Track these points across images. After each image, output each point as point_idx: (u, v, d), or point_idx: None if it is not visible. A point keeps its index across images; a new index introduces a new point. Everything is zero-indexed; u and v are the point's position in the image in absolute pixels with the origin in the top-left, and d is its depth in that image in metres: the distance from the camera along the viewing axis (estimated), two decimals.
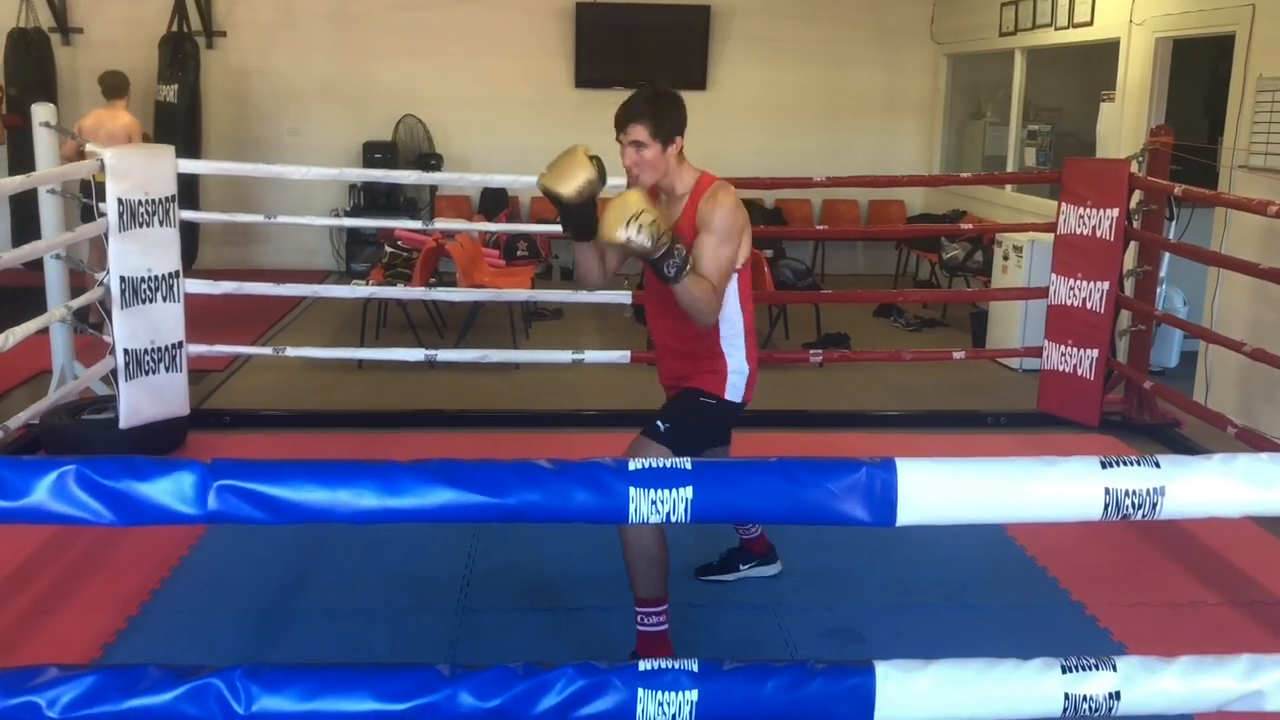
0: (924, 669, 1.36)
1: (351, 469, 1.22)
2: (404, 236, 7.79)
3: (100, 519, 1.18)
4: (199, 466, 1.20)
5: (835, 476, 1.27)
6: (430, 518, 1.23)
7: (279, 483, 1.20)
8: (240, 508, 1.19)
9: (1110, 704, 1.36)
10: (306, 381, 6.55)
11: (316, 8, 10.13)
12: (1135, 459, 1.31)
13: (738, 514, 1.27)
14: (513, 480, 1.23)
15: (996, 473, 1.30)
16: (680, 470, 1.25)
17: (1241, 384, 5.88)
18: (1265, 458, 1.31)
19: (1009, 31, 8.91)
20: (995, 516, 1.32)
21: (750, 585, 3.97)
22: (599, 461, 1.26)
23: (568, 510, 1.25)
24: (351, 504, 1.21)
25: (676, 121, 3.17)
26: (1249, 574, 4.15)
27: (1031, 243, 6.98)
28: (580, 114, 10.53)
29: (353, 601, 3.83)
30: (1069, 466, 1.30)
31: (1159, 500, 1.27)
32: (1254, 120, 5.79)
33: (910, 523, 1.29)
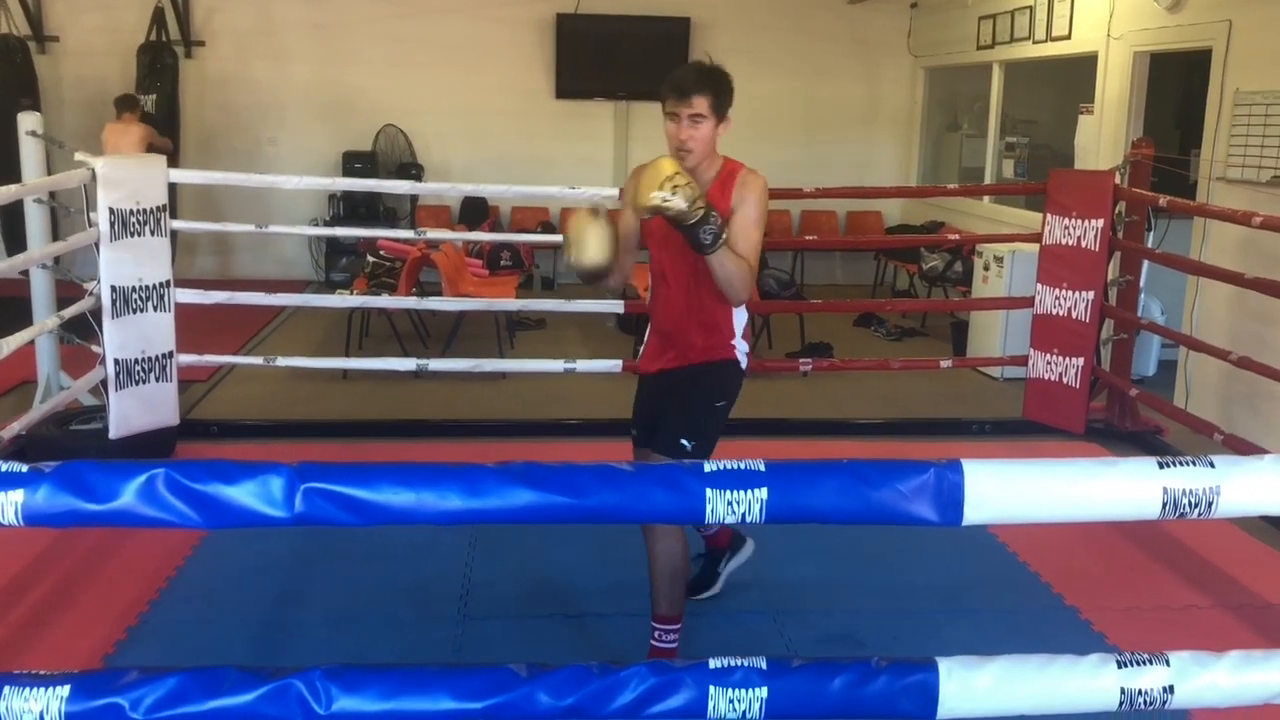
0: (985, 665, 1.39)
1: (436, 471, 1.24)
2: (387, 246, 7.78)
3: (188, 521, 1.19)
4: (286, 469, 1.21)
5: (905, 477, 1.30)
6: (513, 519, 1.25)
7: (365, 485, 1.21)
8: (327, 510, 1.20)
9: (1165, 697, 1.40)
10: (292, 391, 6.52)
11: (296, 17, 10.11)
12: (1190, 459, 1.35)
13: (811, 514, 1.30)
14: (592, 482, 1.25)
15: (1058, 473, 1.34)
16: (755, 471, 1.28)
17: (1221, 392, 5.99)
18: None
19: (987, 45, 9.04)
20: (1057, 515, 1.36)
21: (746, 593, 3.99)
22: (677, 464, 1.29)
23: (646, 511, 1.27)
24: (436, 505, 1.23)
25: (730, 100, 3.07)
26: (1237, 579, 4.22)
27: (1013, 253, 7.06)
28: (559, 124, 10.60)
29: (352, 611, 3.82)
30: (1128, 467, 1.34)
31: (1215, 499, 1.32)
32: (1231, 133, 5.91)
33: (976, 522, 1.32)
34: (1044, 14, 8.05)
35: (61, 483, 1.18)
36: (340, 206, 10.06)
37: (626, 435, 3.39)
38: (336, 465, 1.24)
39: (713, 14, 10.50)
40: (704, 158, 3.08)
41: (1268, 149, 5.64)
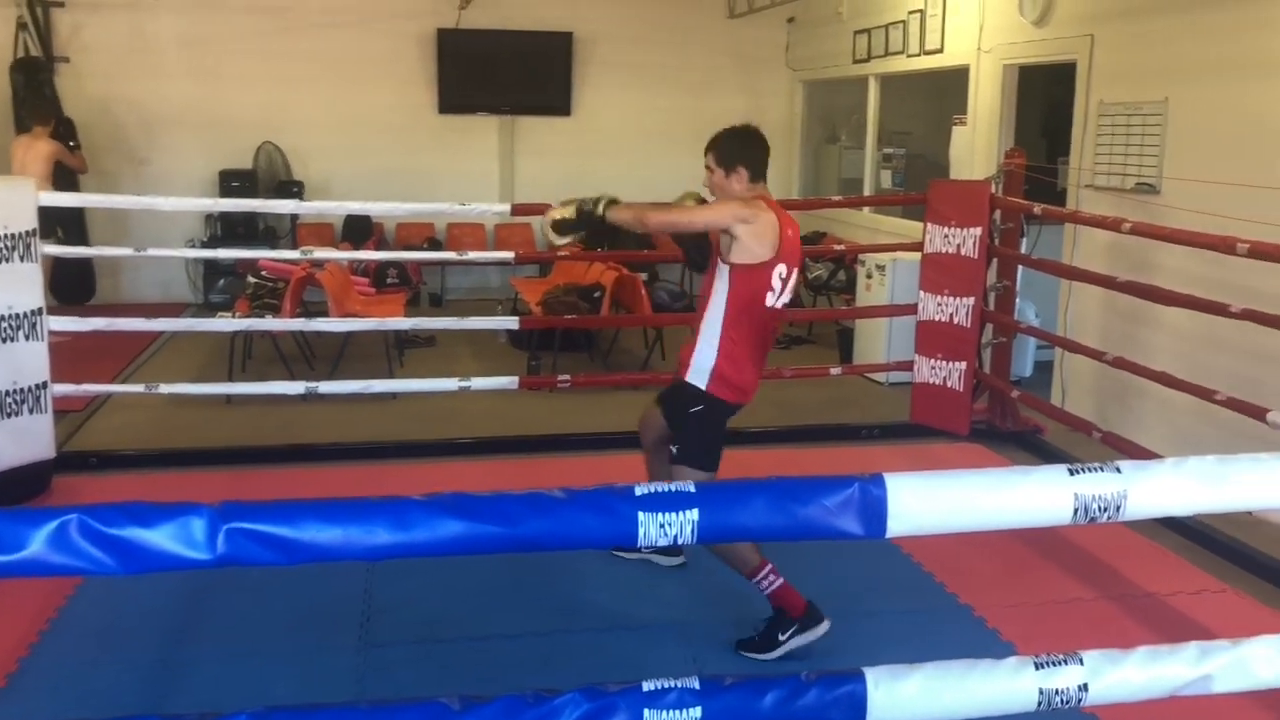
0: (911, 673, 1.43)
1: (362, 506, 1.21)
2: (269, 266, 7.60)
3: (103, 569, 1.14)
4: (207, 510, 1.17)
5: (830, 493, 1.32)
6: (443, 551, 1.23)
7: (290, 523, 1.18)
8: (251, 550, 1.16)
9: (1080, 695, 1.45)
10: (173, 419, 6.30)
11: (168, 32, 9.80)
12: (1099, 466, 1.41)
13: (741, 533, 1.31)
14: (523, 510, 1.24)
15: (975, 484, 1.38)
16: (686, 493, 1.28)
17: (1096, 390, 6.24)
18: (1211, 460, 1.42)
19: (863, 58, 9.26)
20: (976, 525, 1.40)
21: (653, 606, 4.01)
22: (607, 488, 1.29)
23: (579, 537, 1.27)
24: (364, 541, 1.20)
25: (737, 153, 3.70)
26: (1118, 571, 4.40)
27: (894, 261, 7.25)
28: (443, 139, 10.50)
29: (248, 644, 3.72)
30: (1041, 475, 1.39)
31: (1123, 503, 1.37)
32: (1097, 143, 6.18)
33: (899, 534, 1.35)
34: (917, 28, 8.30)
35: None
36: (218, 226, 9.79)
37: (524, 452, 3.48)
38: (260, 504, 1.20)
39: (595, 28, 10.54)
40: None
41: (1130, 157, 5.90)
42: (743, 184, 3.69)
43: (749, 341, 3.70)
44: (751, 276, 3.61)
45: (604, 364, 7.88)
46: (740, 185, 3.69)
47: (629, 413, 6.55)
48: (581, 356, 7.91)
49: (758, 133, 3.77)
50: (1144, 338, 5.79)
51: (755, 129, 3.78)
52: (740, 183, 3.69)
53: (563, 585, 4.10)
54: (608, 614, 3.94)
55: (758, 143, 3.74)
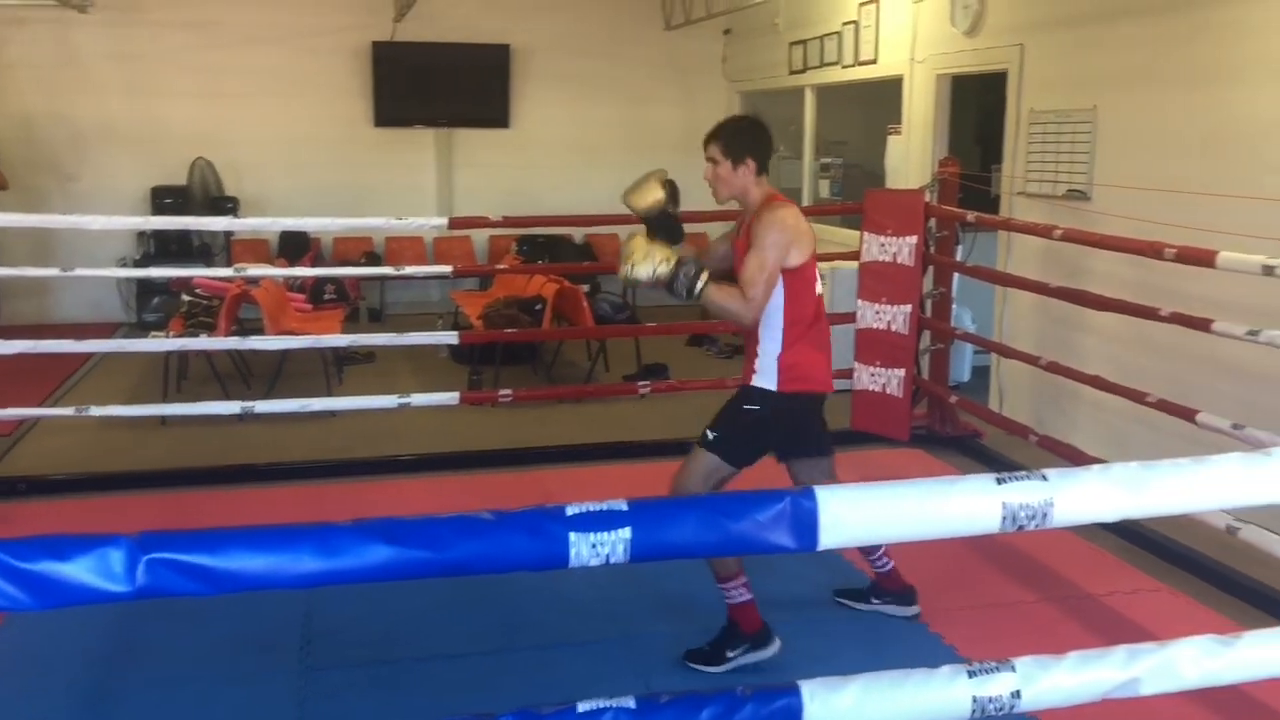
0: (846, 685, 1.43)
1: (287, 533, 1.19)
2: (203, 284, 7.49)
3: (16, 604, 1.10)
4: (126, 540, 1.14)
5: (762, 507, 1.32)
6: (372, 577, 1.21)
7: (213, 552, 1.15)
8: (173, 581, 1.13)
9: (1013, 702, 1.46)
10: (105, 442, 6.17)
11: (97, 47, 9.63)
12: (1025, 474, 1.42)
13: (675, 550, 1.31)
14: (452, 534, 1.23)
15: (904, 494, 1.39)
16: (618, 512, 1.28)
17: (1032, 394, 6.33)
18: (1135, 466, 1.44)
19: (799, 69, 9.35)
20: (906, 535, 1.41)
21: (599, 621, 3.99)
22: (538, 508, 1.28)
23: (510, 559, 1.25)
24: (291, 569, 1.18)
25: (746, 144, 3.53)
26: (1060, 573, 4.46)
27: (832, 270, 7.30)
28: (379, 152, 10.43)
29: (185, 670, 3.65)
30: (969, 485, 1.40)
31: (1049, 511, 1.39)
32: (1029, 150, 6.29)
33: (831, 546, 1.36)
34: (851, 40, 8.39)
35: None
36: (151, 244, 9.63)
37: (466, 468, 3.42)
38: (181, 533, 1.18)
39: (532, 40, 10.54)
40: (732, 194, 3.61)
41: (1061, 164, 6.01)
42: (750, 176, 3.54)
43: (818, 334, 3.64)
44: (797, 275, 3.52)
45: (547, 377, 7.85)
46: (748, 177, 3.54)
47: (571, 426, 6.58)
48: (524, 370, 7.88)
49: (764, 124, 3.65)
50: (1077, 342, 5.89)
51: (760, 120, 3.67)
52: (748, 174, 3.53)
53: (508, 602, 4.08)
54: (553, 630, 3.92)
55: (766, 134, 3.61)
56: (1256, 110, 4.78)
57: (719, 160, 3.54)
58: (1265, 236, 4.33)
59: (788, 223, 3.46)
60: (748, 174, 3.53)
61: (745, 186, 3.56)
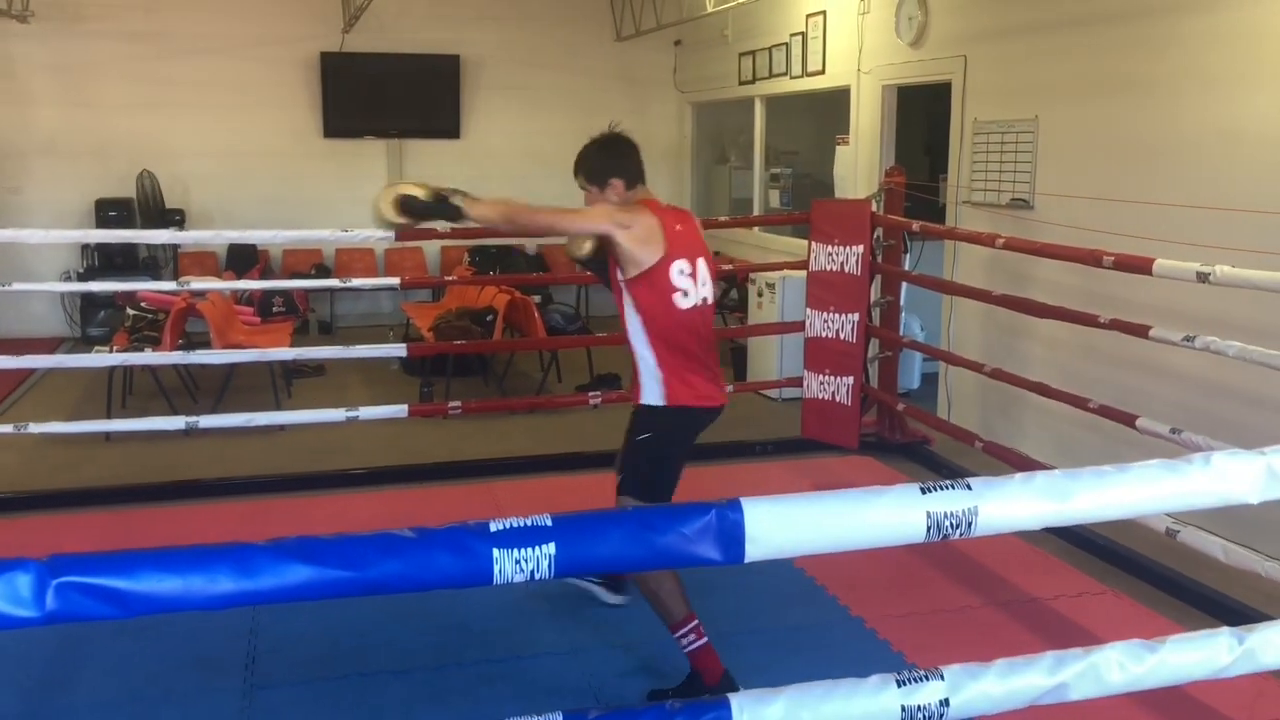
0: (776, 697, 1.43)
1: (202, 553, 1.17)
2: (148, 298, 7.39)
3: None
4: (33, 564, 1.12)
5: (687, 520, 1.32)
6: (291, 597, 1.20)
7: (125, 574, 1.13)
8: (84, 605, 1.11)
9: (941, 710, 1.47)
10: (47, 458, 6.07)
11: (36, 57, 9.50)
12: (950, 483, 1.44)
13: (600, 564, 1.30)
14: (372, 552, 1.21)
15: (830, 505, 1.39)
16: (542, 528, 1.27)
17: (979, 401, 6.40)
18: (1059, 474, 1.46)
19: (748, 80, 9.40)
20: (833, 545, 1.41)
21: (548, 633, 3.98)
22: (461, 526, 1.27)
23: (431, 577, 1.24)
24: (206, 590, 1.16)
25: (605, 168, 3.53)
26: (1005, 578, 4.51)
27: (783, 279, 7.35)
28: (330, 163, 10.36)
29: (126, 691, 3.59)
30: (893, 495, 1.41)
31: (974, 519, 1.40)
32: (973, 160, 6.36)
33: (757, 558, 1.36)
34: (799, 51, 8.45)
35: None
36: (95, 257, 9.48)
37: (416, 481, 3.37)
38: (92, 555, 1.15)
39: (481, 51, 10.52)
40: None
41: (1005, 174, 6.09)
42: (619, 195, 3.52)
43: (680, 348, 3.51)
44: (650, 284, 3.42)
45: (499, 388, 7.82)
46: (617, 197, 3.51)
47: (521, 438, 6.55)
48: (476, 381, 7.85)
49: (622, 137, 3.59)
50: (1022, 349, 5.96)
51: (619, 134, 3.60)
52: (617, 194, 3.51)
53: (454, 614, 4.05)
54: (501, 643, 3.90)
55: (625, 148, 3.57)
56: (1193, 120, 4.87)
57: (587, 189, 3.57)
58: (1201, 244, 4.41)
59: (637, 219, 3.39)
60: (616, 193, 3.52)
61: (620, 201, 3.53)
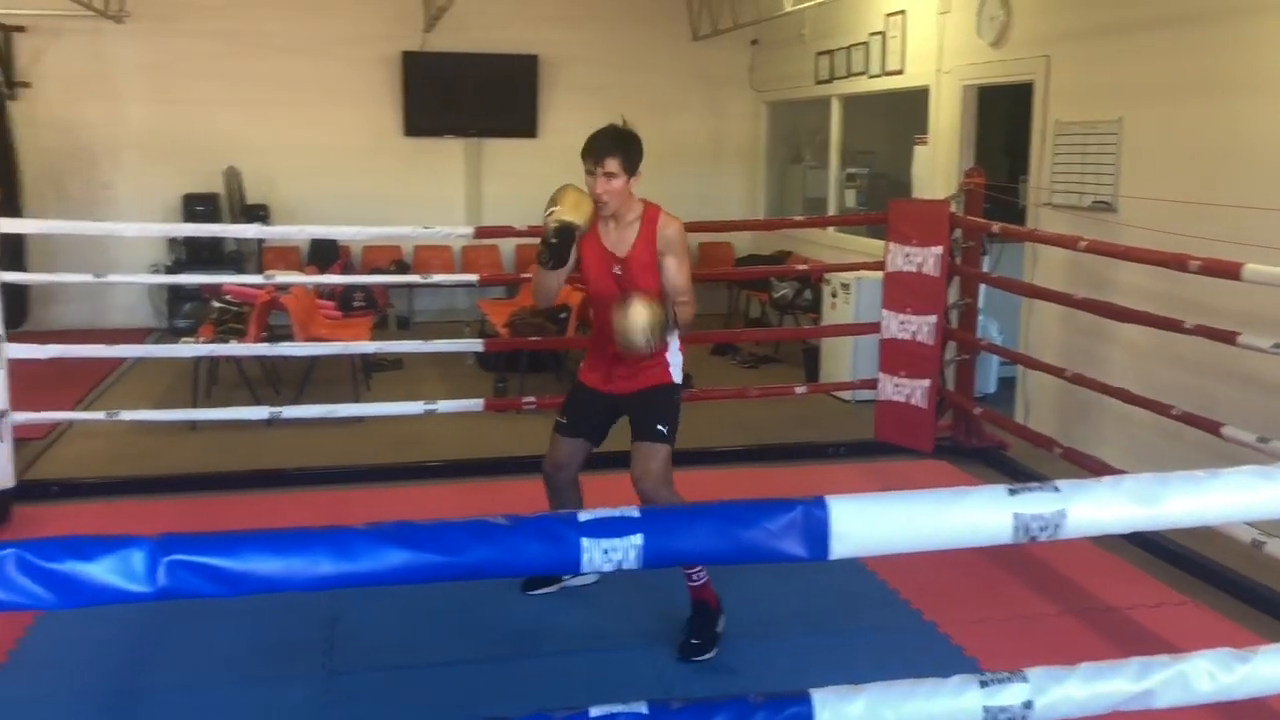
0: (857, 694, 1.44)
1: (304, 536, 1.22)
2: (234, 291, 7.56)
3: (41, 603, 1.14)
4: (147, 542, 1.17)
5: (773, 516, 1.33)
6: (387, 581, 1.24)
7: (231, 554, 1.18)
8: (192, 582, 1.16)
9: (1024, 713, 1.46)
10: (136, 445, 6.26)
11: (130, 57, 9.78)
12: (1037, 485, 1.43)
13: (685, 557, 1.32)
14: (467, 538, 1.25)
15: (916, 505, 1.39)
16: (630, 518, 1.29)
17: (1058, 406, 6.30)
18: (1148, 478, 1.44)
19: (825, 80, 9.35)
20: (917, 545, 1.41)
21: (621, 624, 4.01)
22: (551, 514, 1.29)
23: (522, 564, 1.27)
24: (307, 572, 1.20)
25: (640, 157, 3.64)
26: (1080, 585, 4.44)
27: (858, 280, 7.31)
28: (410, 161, 10.52)
29: (208, 674, 3.68)
30: (980, 496, 1.41)
31: (1061, 521, 1.39)
32: (1055, 161, 6.26)
33: (842, 555, 1.37)
34: (878, 50, 8.39)
35: None
36: (183, 250, 9.74)
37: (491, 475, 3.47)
38: (200, 535, 1.20)
39: (559, 51, 10.60)
40: (619, 206, 3.65)
41: (1087, 175, 5.99)
42: (635, 187, 3.68)
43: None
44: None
45: (571, 384, 7.87)
46: (633, 189, 3.67)
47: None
48: (548, 377, 7.91)
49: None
50: (1103, 354, 5.86)
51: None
52: (635, 186, 3.67)
53: (527, 606, 4.09)
54: (572, 635, 3.93)
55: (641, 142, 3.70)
56: None
57: (617, 174, 3.58)
58: None
59: (683, 234, 3.69)
60: (636, 184, 3.66)
61: (628, 198, 3.67)
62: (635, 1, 10.65)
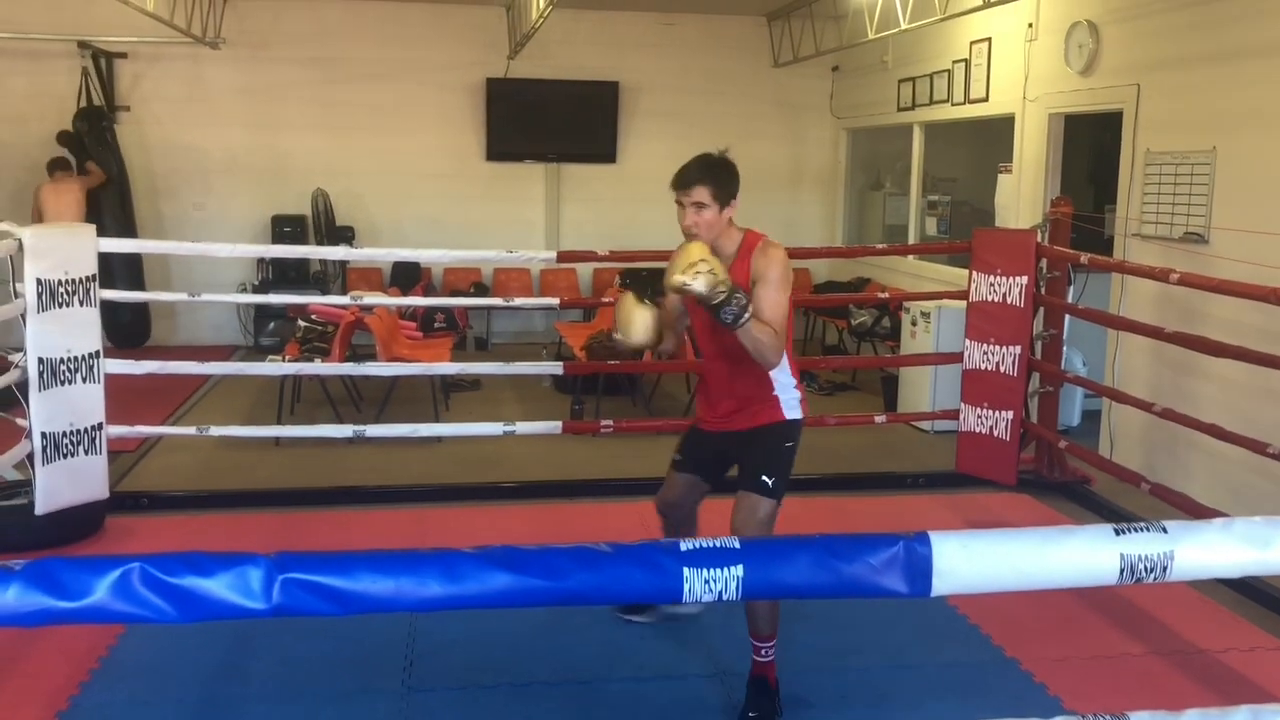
0: None
1: (414, 558, 1.24)
2: (319, 311, 7.72)
3: (163, 616, 1.17)
4: (264, 560, 1.21)
5: (875, 551, 1.33)
6: (492, 603, 1.26)
7: (344, 574, 1.20)
8: (305, 600, 1.19)
9: None
10: (223, 460, 6.40)
11: (224, 81, 10.07)
12: (1144, 525, 1.40)
13: (786, 590, 1.32)
14: (570, 564, 1.26)
15: (1020, 543, 1.38)
16: (731, 549, 1.30)
17: (1144, 441, 6.16)
18: (1260, 521, 1.41)
19: (907, 106, 9.30)
20: (1021, 585, 1.40)
21: (694, 654, 3.99)
22: (654, 543, 1.30)
23: (624, 591, 1.28)
24: (416, 593, 1.23)
25: (734, 186, 3.39)
26: (1169, 625, 4.32)
27: (939, 308, 7.23)
28: (491, 186, 10.66)
29: (291, 686, 3.75)
30: (1086, 535, 1.39)
31: (1169, 564, 1.37)
32: (1144, 191, 6.15)
33: (944, 593, 1.36)
34: (962, 77, 8.32)
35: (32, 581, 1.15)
36: (270, 270, 9.97)
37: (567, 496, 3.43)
38: (314, 554, 1.23)
39: (640, 78, 10.68)
40: (714, 238, 3.37)
41: (1178, 206, 5.87)
42: (732, 215, 3.41)
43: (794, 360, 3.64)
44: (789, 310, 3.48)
45: (646, 408, 7.90)
46: (729, 218, 3.40)
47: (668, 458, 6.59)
48: (624, 400, 7.94)
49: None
50: (1193, 388, 5.72)
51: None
52: (730, 214, 3.40)
53: (605, 631, 4.10)
54: (648, 662, 3.93)
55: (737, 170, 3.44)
56: None
57: (707, 204, 3.33)
58: None
59: (787, 261, 3.38)
60: (731, 213, 3.39)
61: (724, 228, 3.41)
62: (717, 28, 10.70)
